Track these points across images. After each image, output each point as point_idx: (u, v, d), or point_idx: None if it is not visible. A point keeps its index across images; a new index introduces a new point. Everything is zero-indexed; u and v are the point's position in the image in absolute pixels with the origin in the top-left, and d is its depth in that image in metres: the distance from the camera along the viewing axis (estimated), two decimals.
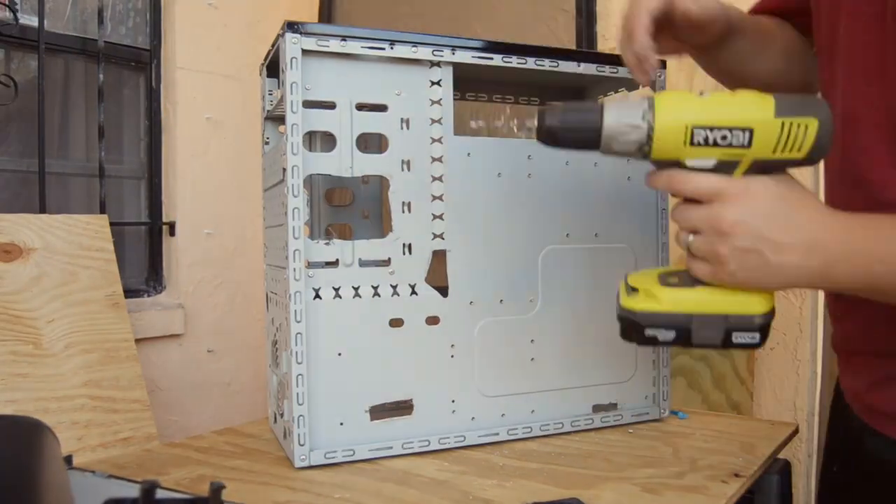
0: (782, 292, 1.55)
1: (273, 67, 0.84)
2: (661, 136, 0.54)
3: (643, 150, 0.55)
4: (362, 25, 0.76)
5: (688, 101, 0.55)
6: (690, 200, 0.55)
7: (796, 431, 0.88)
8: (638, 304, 0.57)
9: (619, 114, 0.56)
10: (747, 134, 0.53)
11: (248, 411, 1.84)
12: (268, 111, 0.89)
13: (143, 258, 1.75)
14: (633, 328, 0.57)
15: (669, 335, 0.56)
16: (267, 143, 0.91)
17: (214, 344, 1.78)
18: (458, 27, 1.77)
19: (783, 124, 0.53)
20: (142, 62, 1.74)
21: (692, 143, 0.54)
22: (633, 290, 0.58)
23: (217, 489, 0.44)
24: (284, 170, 0.72)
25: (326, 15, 1.91)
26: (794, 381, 1.54)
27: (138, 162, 1.76)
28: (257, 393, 1.89)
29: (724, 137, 0.53)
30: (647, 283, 0.57)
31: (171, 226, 1.73)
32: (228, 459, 0.76)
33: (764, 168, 0.54)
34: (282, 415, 0.80)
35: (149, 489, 0.42)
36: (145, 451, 0.81)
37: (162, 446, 0.82)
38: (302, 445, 0.73)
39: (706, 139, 0.54)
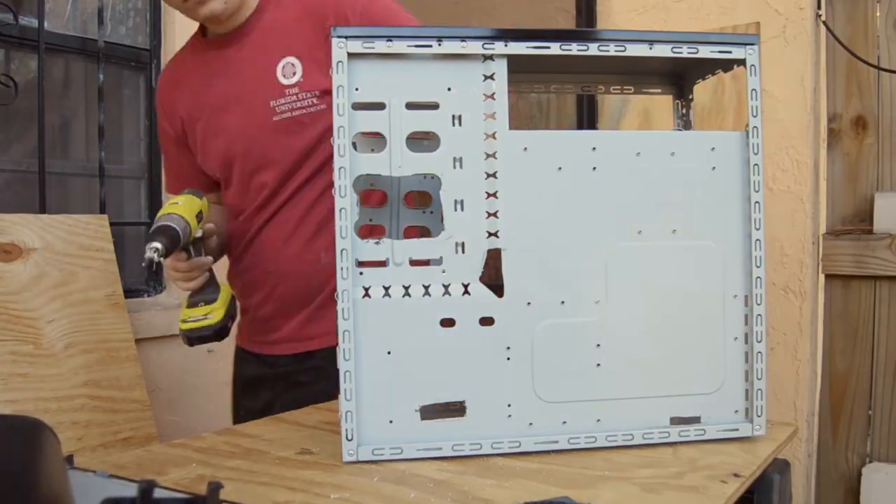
0: (782, 292, 1.55)
1: None
2: None
3: None
4: None
5: None
6: None
7: (796, 432, 0.87)
8: None
9: None
10: None
11: None
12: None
13: (144, 258, 1.75)
14: None
15: None
16: None
17: (214, 344, 1.78)
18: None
19: None
20: (142, 62, 1.74)
21: None
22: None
23: (215, 489, 0.44)
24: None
25: None
26: (794, 381, 1.54)
27: (138, 162, 1.76)
28: None
29: None
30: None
31: None
32: (228, 460, 0.76)
33: None
34: None
35: (146, 489, 0.43)
36: (145, 451, 0.81)
37: (162, 446, 0.82)
38: (349, 440, 0.73)
39: None
